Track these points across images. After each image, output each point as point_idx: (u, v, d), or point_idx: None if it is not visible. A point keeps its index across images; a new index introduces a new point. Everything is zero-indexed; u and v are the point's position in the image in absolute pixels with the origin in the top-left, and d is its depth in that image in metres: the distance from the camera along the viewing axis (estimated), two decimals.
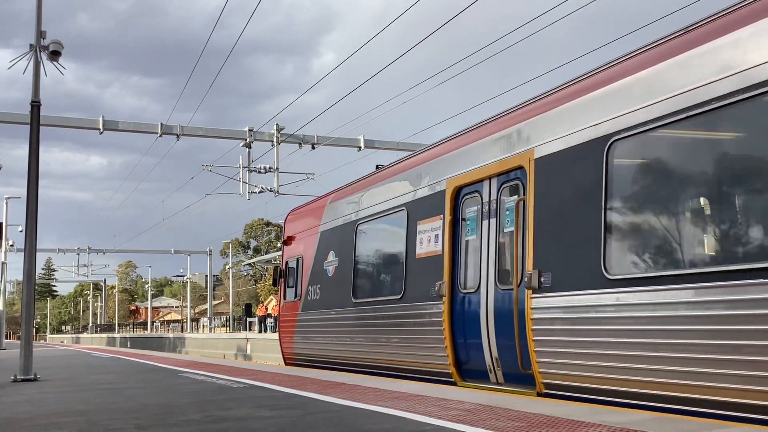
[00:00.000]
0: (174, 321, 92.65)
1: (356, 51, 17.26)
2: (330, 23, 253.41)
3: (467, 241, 9.65)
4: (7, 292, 45.90)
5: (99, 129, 25.78)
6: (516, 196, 8.61)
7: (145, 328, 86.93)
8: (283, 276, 15.92)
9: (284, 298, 15.91)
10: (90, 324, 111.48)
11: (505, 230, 8.85)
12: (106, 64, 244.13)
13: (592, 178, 7.38)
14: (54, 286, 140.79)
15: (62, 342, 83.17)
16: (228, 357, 34.63)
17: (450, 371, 9.65)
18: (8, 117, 24.38)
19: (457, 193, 9.84)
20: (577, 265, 7.44)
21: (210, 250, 73.36)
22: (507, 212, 8.84)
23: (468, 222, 9.64)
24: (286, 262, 15.89)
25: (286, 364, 15.38)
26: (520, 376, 8.29)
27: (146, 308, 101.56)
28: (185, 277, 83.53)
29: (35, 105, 13.08)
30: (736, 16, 6.21)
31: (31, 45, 13.27)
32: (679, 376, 6.22)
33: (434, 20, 15.96)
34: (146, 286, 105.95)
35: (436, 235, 10.22)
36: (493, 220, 9.08)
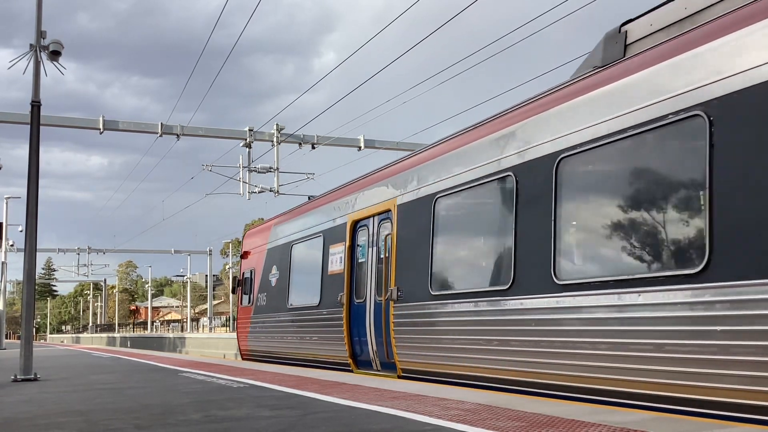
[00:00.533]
0: (174, 321, 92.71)
1: (356, 51, 17.27)
2: (331, 23, 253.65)
3: (360, 263, 12.60)
4: (7, 292, 45.89)
5: (99, 129, 25.79)
6: (388, 231, 11.54)
7: (145, 328, 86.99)
8: (240, 285, 18.60)
9: (241, 304, 18.61)
10: (90, 324, 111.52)
11: (381, 256, 11.79)
12: (106, 64, 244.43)
13: (426, 223, 10.38)
14: (54, 285, 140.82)
15: (62, 342, 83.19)
16: (228, 357, 34.63)
17: (348, 362, 12.60)
18: (8, 117, 24.39)
19: (354, 226, 12.79)
20: (417, 284, 10.42)
21: (210, 250, 73.42)
22: (382, 243, 11.82)
23: (360, 248, 12.66)
24: (243, 273, 18.56)
25: (243, 358, 18.01)
26: (388, 365, 11.18)
27: (146, 308, 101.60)
28: (185, 277, 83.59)
29: (35, 105, 13.08)
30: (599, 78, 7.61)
31: (31, 45, 13.27)
32: (474, 360, 9.02)
33: (435, 20, 15.96)
34: (146, 285, 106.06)
35: (341, 257, 13.09)
36: (374, 248, 12.13)
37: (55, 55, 13.43)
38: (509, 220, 8.54)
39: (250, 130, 28.00)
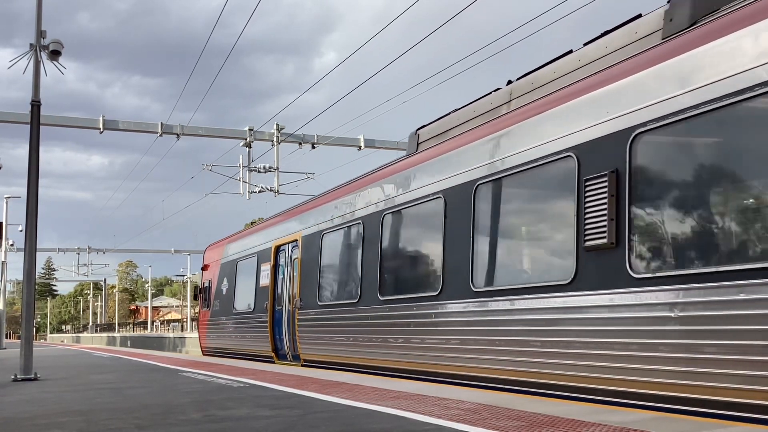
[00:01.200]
0: (174, 320, 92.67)
1: (357, 50, 17.25)
2: (331, 23, 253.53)
3: (281, 278, 16.15)
4: (7, 292, 45.87)
5: (99, 129, 25.76)
6: (297, 255, 15.24)
7: (146, 328, 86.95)
8: (201, 292, 22.54)
9: (201, 308, 22.65)
10: (90, 323, 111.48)
11: (294, 274, 15.31)
12: (107, 64, 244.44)
13: (316, 251, 14.21)
14: (54, 285, 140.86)
15: (62, 341, 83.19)
16: None
17: (271, 355, 16.33)
18: (9, 117, 24.36)
19: (277, 249, 16.47)
20: (311, 296, 14.22)
21: None
22: (293, 264, 15.48)
23: (280, 267, 16.29)
24: (203, 283, 22.46)
25: (203, 354, 21.78)
26: (296, 356, 14.99)
27: (146, 308, 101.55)
28: (185, 277, 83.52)
29: (35, 105, 13.08)
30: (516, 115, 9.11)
31: (31, 44, 13.26)
32: (347, 350, 12.56)
33: (436, 20, 15.96)
34: (146, 285, 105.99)
35: (267, 273, 16.75)
36: (289, 267, 15.76)
37: (55, 54, 13.42)
38: (357, 253, 12.52)
39: (250, 130, 27.98)
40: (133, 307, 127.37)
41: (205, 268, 22.57)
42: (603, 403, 6.89)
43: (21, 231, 33.41)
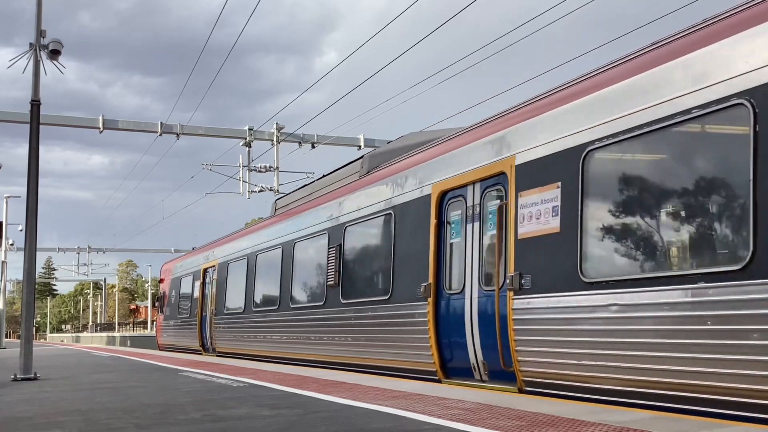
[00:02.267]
0: None
1: (357, 49, 17.25)
2: (332, 22, 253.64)
3: (206, 293, 21.27)
4: (7, 292, 45.87)
5: (99, 128, 25.77)
6: (212, 277, 20.70)
7: (146, 327, 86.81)
8: (158, 300, 28.87)
9: (158, 314, 29.05)
10: (90, 323, 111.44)
11: (213, 290, 20.28)
12: (108, 63, 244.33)
13: (224, 275, 19.79)
14: (54, 285, 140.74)
15: (62, 341, 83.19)
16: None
17: (200, 350, 21.27)
18: (8, 116, 24.37)
19: (205, 271, 21.46)
20: (221, 306, 19.61)
21: None
22: (212, 283, 20.71)
23: (207, 285, 21.16)
24: (161, 293, 28.12)
25: (159, 349, 27.14)
26: (212, 349, 20.15)
27: (146, 307, 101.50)
28: None
29: (35, 104, 13.07)
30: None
31: (30, 44, 13.25)
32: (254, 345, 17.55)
33: (438, 19, 15.94)
34: (146, 285, 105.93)
35: (198, 288, 21.95)
36: (210, 285, 20.96)
37: (54, 54, 13.41)
38: (243, 278, 17.97)
39: (250, 130, 27.98)
40: (133, 306, 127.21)
41: (161, 281, 28.43)
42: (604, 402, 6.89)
43: (21, 231, 33.43)
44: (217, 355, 19.77)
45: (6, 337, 42.55)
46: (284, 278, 15.45)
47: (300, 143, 28.09)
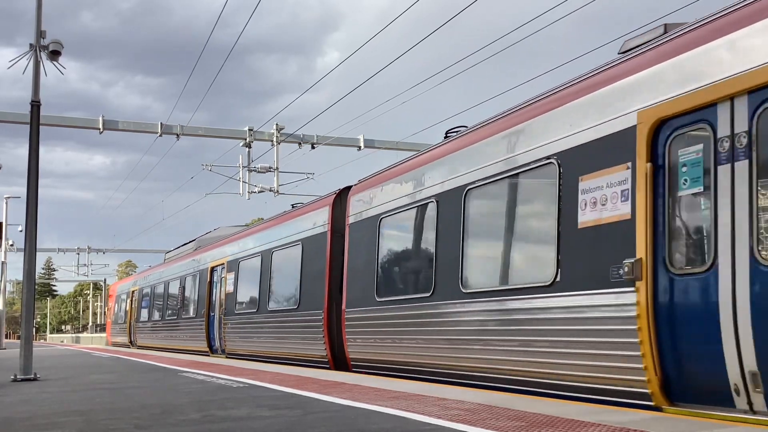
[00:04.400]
0: None
1: (358, 49, 17.23)
2: (334, 22, 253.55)
3: (120, 304, 35.73)
4: (7, 292, 45.83)
5: (99, 129, 25.75)
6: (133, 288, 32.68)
7: None
8: (108, 310, 34.49)
9: (108, 319, 37.64)
10: (90, 324, 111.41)
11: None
12: (109, 63, 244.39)
13: (149, 293, 29.78)
14: (54, 285, 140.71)
15: (62, 342, 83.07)
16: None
17: (128, 344, 32.25)
18: (9, 117, 24.35)
19: (133, 291, 31.74)
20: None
21: None
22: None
23: (121, 300, 35.41)
24: (111, 305, 37.99)
25: (109, 344, 36.18)
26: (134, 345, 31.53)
27: None
28: None
29: (35, 105, 13.07)
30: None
31: (30, 45, 13.25)
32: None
33: (441, 19, 15.95)
34: None
35: (126, 305, 33.43)
36: (128, 300, 33.38)
37: (54, 54, 13.41)
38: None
39: (250, 130, 27.96)
40: None
41: (110, 296, 38.76)
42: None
43: (21, 231, 33.41)
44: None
45: (6, 338, 42.56)
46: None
47: (300, 144, 28.07)
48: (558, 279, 7.66)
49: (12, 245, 46.72)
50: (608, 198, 7.25)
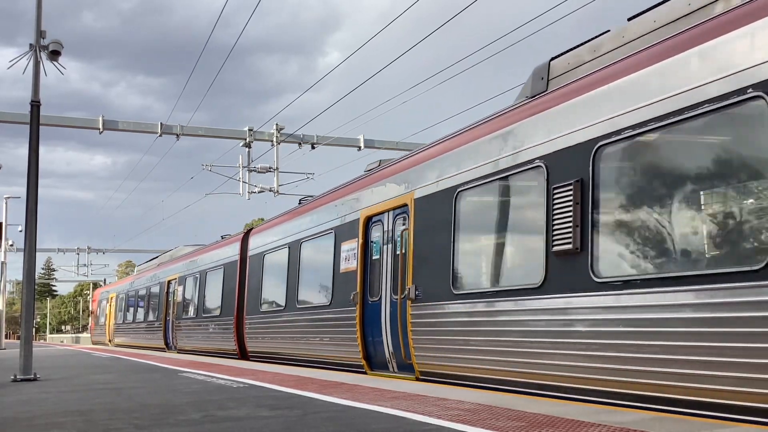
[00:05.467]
0: None
1: (358, 49, 17.23)
2: (336, 22, 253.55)
3: (103, 308, 41.65)
4: (6, 292, 45.84)
5: (98, 129, 25.74)
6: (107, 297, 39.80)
7: None
8: (92, 314, 43.86)
9: (92, 322, 45.52)
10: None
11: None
12: (111, 63, 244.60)
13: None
14: (54, 285, 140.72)
15: (62, 342, 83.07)
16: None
17: (107, 343, 38.25)
18: (9, 117, 24.34)
19: (111, 297, 38.74)
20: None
21: None
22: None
23: (101, 307, 42.24)
24: (94, 309, 44.23)
25: (92, 342, 42.30)
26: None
27: None
28: None
29: (35, 105, 13.06)
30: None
31: (30, 45, 13.25)
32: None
33: (441, 19, 15.95)
34: None
35: (104, 309, 40.67)
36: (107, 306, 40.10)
37: (54, 54, 13.41)
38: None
39: (250, 130, 27.94)
40: None
41: (93, 301, 42.66)
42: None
43: (21, 231, 33.40)
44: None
45: (6, 338, 42.55)
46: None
47: (300, 144, 28.06)
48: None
49: (12, 245, 46.72)
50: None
